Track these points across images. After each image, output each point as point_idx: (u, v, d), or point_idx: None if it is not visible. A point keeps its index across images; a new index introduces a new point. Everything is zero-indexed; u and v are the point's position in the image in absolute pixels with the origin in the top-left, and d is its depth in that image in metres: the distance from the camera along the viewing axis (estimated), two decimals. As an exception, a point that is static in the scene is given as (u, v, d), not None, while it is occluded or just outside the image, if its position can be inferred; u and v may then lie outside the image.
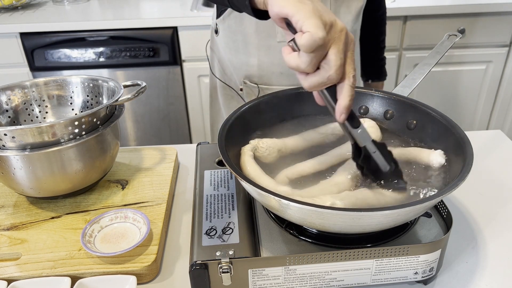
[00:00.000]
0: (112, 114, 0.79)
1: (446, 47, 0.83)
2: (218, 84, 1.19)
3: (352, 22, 1.03)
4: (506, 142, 0.99)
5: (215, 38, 1.14)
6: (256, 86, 1.07)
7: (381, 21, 1.26)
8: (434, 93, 2.12)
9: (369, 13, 1.19)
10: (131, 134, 2.17)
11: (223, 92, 1.17)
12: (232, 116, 0.71)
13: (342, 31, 0.52)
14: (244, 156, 0.68)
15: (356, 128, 0.59)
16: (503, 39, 2.01)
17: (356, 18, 1.04)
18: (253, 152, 0.70)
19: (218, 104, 1.22)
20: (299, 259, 0.58)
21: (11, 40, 1.90)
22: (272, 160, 0.70)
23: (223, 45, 1.10)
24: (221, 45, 1.11)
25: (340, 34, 0.52)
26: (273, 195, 0.54)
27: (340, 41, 0.52)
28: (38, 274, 0.64)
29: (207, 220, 0.66)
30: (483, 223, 0.75)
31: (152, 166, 0.89)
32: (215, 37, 1.13)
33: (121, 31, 1.90)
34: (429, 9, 1.89)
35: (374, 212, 0.52)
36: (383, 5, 1.24)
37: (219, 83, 1.17)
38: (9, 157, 0.69)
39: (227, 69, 1.12)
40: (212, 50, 1.19)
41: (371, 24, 1.22)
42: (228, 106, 1.17)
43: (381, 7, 1.23)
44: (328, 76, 0.52)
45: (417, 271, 0.61)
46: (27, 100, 0.85)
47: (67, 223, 0.74)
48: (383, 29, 1.27)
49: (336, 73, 0.52)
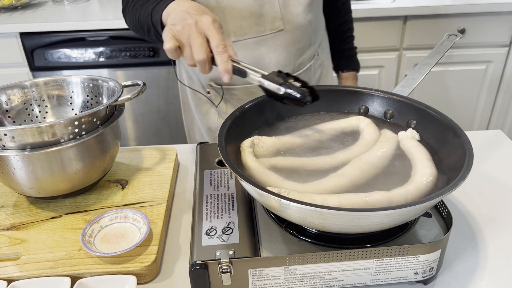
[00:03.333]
0: (112, 114, 0.79)
1: (446, 47, 0.83)
2: (188, 91, 1.19)
3: (304, 13, 1.02)
4: (506, 142, 0.99)
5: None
6: (220, 88, 1.08)
7: (343, 11, 1.24)
8: (434, 93, 2.12)
9: (329, 3, 1.18)
10: (131, 134, 2.17)
11: (193, 98, 1.18)
12: (232, 116, 0.71)
13: (191, 25, 0.68)
14: (245, 154, 0.68)
15: (245, 76, 0.70)
16: (503, 39, 2.01)
17: (309, 8, 1.02)
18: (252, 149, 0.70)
19: (191, 111, 1.23)
20: (299, 259, 0.58)
21: (11, 40, 1.90)
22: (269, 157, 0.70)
23: None
24: None
25: (190, 27, 0.68)
26: (273, 195, 0.54)
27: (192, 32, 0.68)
28: (38, 274, 0.64)
29: (207, 220, 0.66)
30: (483, 223, 0.75)
31: (152, 166, 0.89)
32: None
33: (121, 31, 1.90)
34: (429, 9, 1.89)
35: (374, 212, 0.52)
36: None
37: (189, 90, 1.18)
38: (9, 157, 0.69)
39: (193, 75, 1.13)
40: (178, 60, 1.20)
41: (333, 15, 1.22)
42: (200, 111, 1.17)
43: None
44: (197, 60, 0.69)
45: (417, 271, 0.61)
46: (27, 100, 0.85)
47: (67, 223, 0.74)
48: (346, 18, 1.25)
49: (200, 54, 0.68)
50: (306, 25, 1.04)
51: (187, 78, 1.17)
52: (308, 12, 1.03)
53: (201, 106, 1.16)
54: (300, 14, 1.01)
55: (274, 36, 1.01)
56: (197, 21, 0.69)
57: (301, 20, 1.02)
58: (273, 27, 1.00)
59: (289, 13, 1.00)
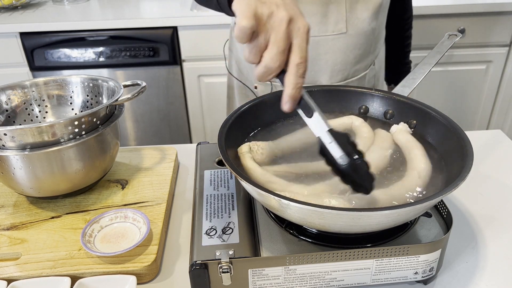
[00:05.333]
0: (112, 114, 0.79)
1: (446, 47, 0.83)
2: (235, 83, 1.19)
3: (370, 19, 1.01)
4: (506, 142, 0.99)
5: (233, 38, 1.15)
6: (269, 83, 1.07)
7: (407, 25, 1.25)
8: (434, 93, 2.12)
9: (396, 15, 1.18)
10: (131, 134, 2.17)
11: (240, 92, 1.17)
12: (232, 116, 0.71)
13: (282, 19, 0.52)
14: (246, 160, 0.67)
15: (310, 117, 0.56)
16: (503, 39, 2.00)
17: (375, 15, 1.02)
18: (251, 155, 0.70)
19: (235, 105, 1.23)
20: (299, 259, 0.58)
21: (11, 40, 1.90)
22: (267, 162, 0.70)
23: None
24: (239, 44, 1.11)
25: (281, 22, 0.52)
26: (273, 195, 0.54)
27: (279, 30, 0.52)
28: (38, 274, 0.64)
29: (207, 220, 0.66)
30: (483, 223, 0.75)
31: (152, 166, 0.89)
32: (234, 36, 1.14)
33: (121, 31, 1.90)
34: (429, 9, 1.89)
35: (374, 212, 0.52)
36: (410, 8, 1.23)
37: (236, 82, 1.17)
38: (9, 157, 0.69)
39: (243, 68, 1.13)
40: (230, 49, 1.20)
41: (397, 27, 1.22)
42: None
43: (407, 9, 1.22)
44: (265, 65, 0.53)
45: (417, 271, 0.61)
46: (27, 100, 0.85)
47: (67, 223, 0.74)
48: (408, 33, 1.26)
49: (273, 61, 0.52)
50: (369, 32, 1.03)
51: (236, 71, 1.16)
52: (374, 19, 1.02)
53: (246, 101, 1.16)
54: (366, 19, 1.01)
55: (335, 38, 1.00)
56: (293, 19, 0.53)
57: (365, 26, 1.01)
58: (336, 28, 0.99)
59: (354, 17, 0.99)
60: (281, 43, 0.52)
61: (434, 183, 0.64)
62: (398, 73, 1.31)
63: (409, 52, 1.29)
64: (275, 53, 0.52)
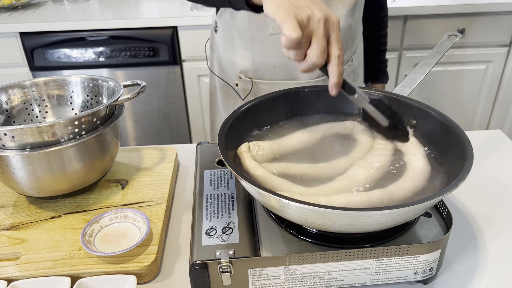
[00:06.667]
0: (112, 114, 0.79)
1: (446, 47, 0.83)
2: (217, 82, 1.20)
3: (346, 16, 1.02)
4: (506, 142, 0.99)
5: (214, 37, 1.16)
6: (250, 81, 1.09)
7: (382, 23, 1.26)
8: (434, 93, 2.12)
9: (371, 14, 1.19)
10: (131, 134, 2.17)
11: (221, 90, 1.19)
12: (232, 116, 0.71)
13: (320, 20, 0.59)
14: (247, 160, 0.67)
15: (352, 95, 0.67)
16: (503, 39, 2.00)
17: (351, 12, 1.03)
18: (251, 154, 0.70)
19: (217, 103, 1.24)
20: (299, 259, 0.58)
21: (11, 40, 1.90)
22: (267, 162, 0.70)
23: (222, 41, 1.12)
24: (220, 43, 1.13)
25: (319, 23, 0.59)
26: (273, 194, 0.54)
27: (319, 30, 0.59)
28: (38, 274, 0.64)
29: (207, 220, 0.66)
30: (483, 223, 0.75)
31: (152, 166, 0.89)
32: (215, 35, 1.15)
33: (121, 30, 1.90)
34: (429, 9, 1.89)
35: (374, 212, 0.52)
36: (385, 8, 1.24)
37: (218, 80, 1.19)
38: (9, 157, 0.69)
39: (225, 66, 1.14)
40: (211, 48, 1.21)
41: (372, 26, 1.23)
42: (226, 104, 1.19)
43: (383, 9, 1.24)
44: (312, 63, 0.60)
45: (417, 271, 0.61)
46: (27, 99, 0.85)
47: (67, 223, 0.74)
48: (384, 32, 1.27)
49: (319, 59, 0.60)
50: (346, 28, 1.04)
51: (217, 69, 1.18)
52: (350, 16, 1.03)
53: (228, 99, 1.17)
54: (342, 16, 1.01)
55: None
56: (327, 18, 0.60)
57: (342, 23, 1.01)
58: None
59: None
60: (322, 41, 0.60)
61: (434, 183, 0.64)
62: (374, 71, 1.32)
63: (385, 51, 1.31)
64: (319, 52, 0.60)
